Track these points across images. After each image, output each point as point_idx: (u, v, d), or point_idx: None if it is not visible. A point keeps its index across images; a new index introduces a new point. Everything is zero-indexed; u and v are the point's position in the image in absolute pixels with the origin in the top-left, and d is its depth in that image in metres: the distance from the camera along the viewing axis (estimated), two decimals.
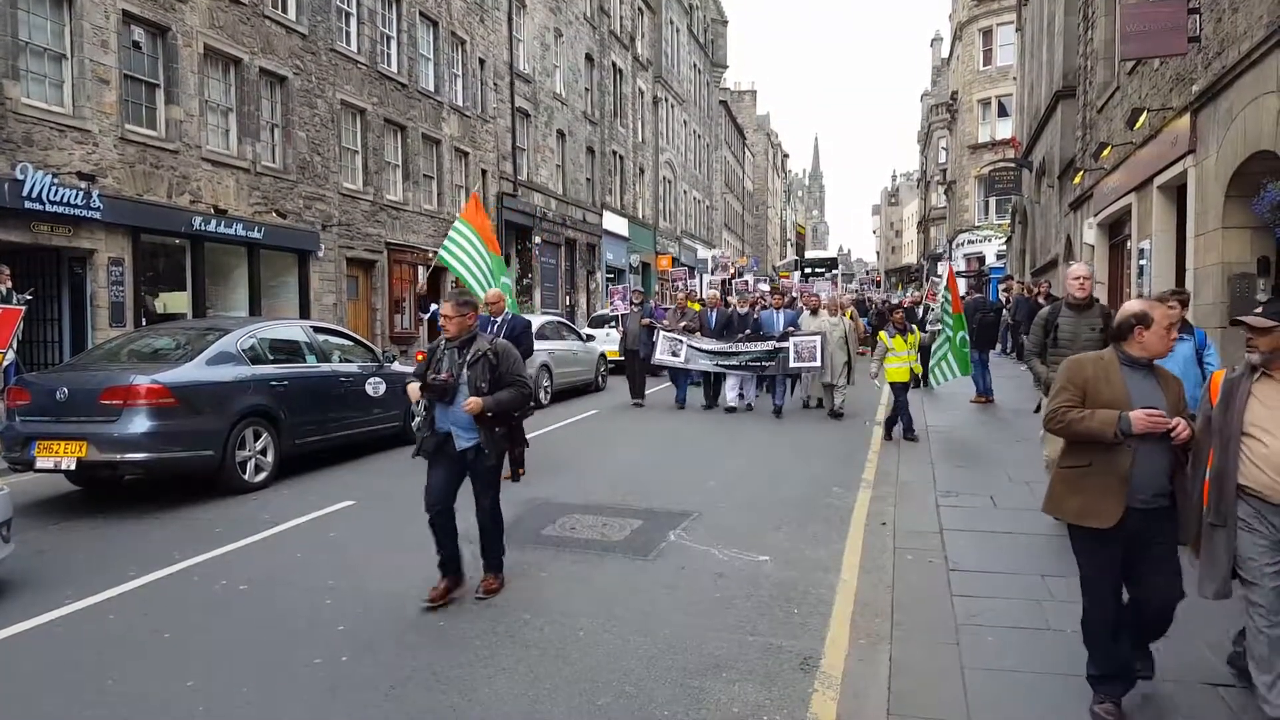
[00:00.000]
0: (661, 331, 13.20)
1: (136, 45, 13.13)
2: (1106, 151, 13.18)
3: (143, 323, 12.75)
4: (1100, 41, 14.72)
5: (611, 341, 16.93)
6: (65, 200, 11.58)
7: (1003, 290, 20.35)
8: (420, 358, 5.22)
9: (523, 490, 7.22)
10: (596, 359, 16.24)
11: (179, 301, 14.26)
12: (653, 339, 13.30)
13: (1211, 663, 3.84)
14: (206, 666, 4.02)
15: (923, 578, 5.16)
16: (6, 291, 10.07)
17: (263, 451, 7.82)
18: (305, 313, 16.27)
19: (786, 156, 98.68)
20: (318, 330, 9.42)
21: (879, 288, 49.97)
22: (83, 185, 11.90)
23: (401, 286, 19.86)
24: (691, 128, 46.67)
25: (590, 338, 17.36)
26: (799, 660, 4.08)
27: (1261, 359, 3.20)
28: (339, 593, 5.00)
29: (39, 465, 6.95)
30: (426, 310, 14.50)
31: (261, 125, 15.62)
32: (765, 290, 24.14)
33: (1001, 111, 36.77)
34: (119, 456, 6.85)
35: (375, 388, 9.20)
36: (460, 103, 22.21)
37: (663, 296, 31.60)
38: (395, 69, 19.57)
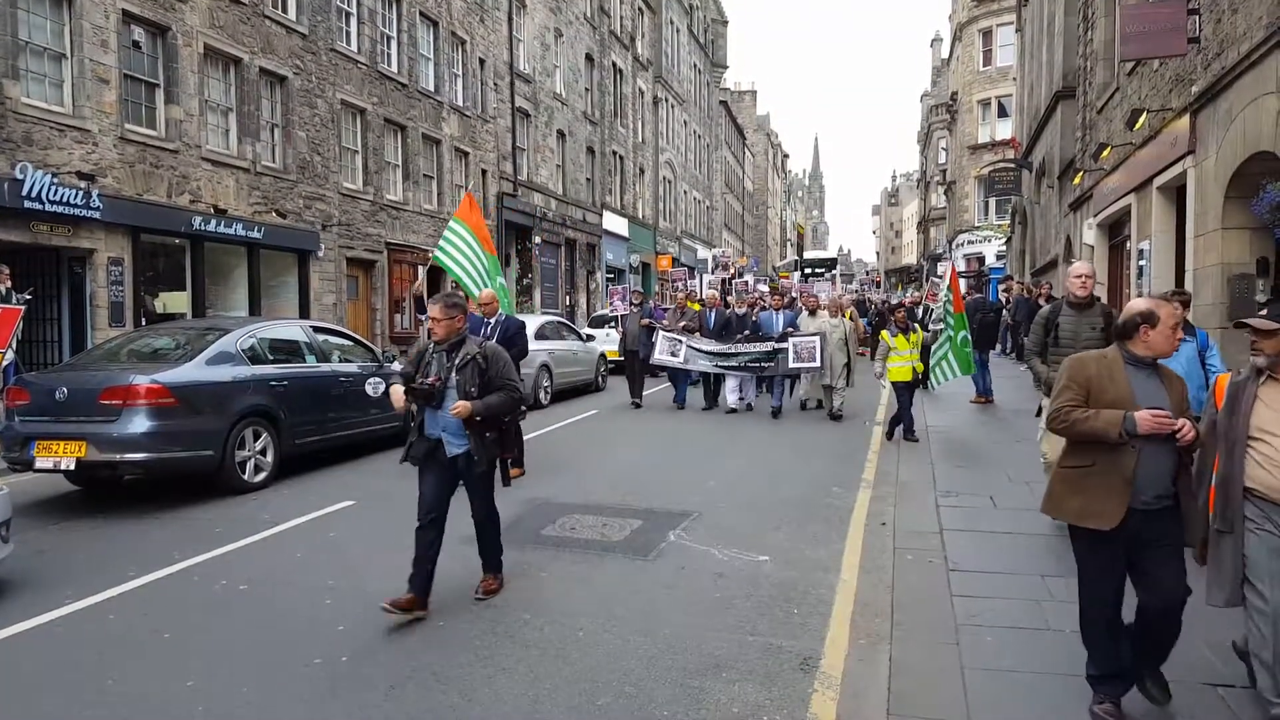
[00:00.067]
0: (661, 332, 13.16)
1: (136, 45, 13.13)
2: (1106, 152, 13.19)
3: (142, 323, 12.74)
4: (1100, 42, 14.72)
5: (611, 342, 16.90)
6: (65, 200, 11.58)
7: (1003, 290, 20.35)
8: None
9: (523, 490, 7.22)
10: (596, 359, 16.23)
11: (179, 301, 14.26)
12: (652, 340, 13.27)
13: (1211, 663, 3.84)
14: (206, 666, 4.02)
15: (923, 578, 5.16)
16: (6, 291, 10.07)
17: (262, 451, 7.82)
18: (305, 313, 16.26)
19: (786, 156, 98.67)
20: (317, 330, 9.43)
21: (879, 288, 49.90)
22: (82, 185, 11.90)
23: (401, 286, 19.85)
24: (691, 128, 46.67)
25: (590, 338, 17.34)
26: (799, 660, 4.08)
27: (1267, 362, 3.18)
28: (339, 593, 5.00)
29: (38, 465, 6.95)
30: (425, 311, 14.45)
31: (261, 125, 15.62)
32: (764, 291, 24.10)
33: (1001, 112, 36.77)
34: (118, 456, 6.85)
35: (375, 388, 9.19)
36: (460, 103, 22.21)
37: (663, 296, 31.59)
38: (395, 69, 19.57)
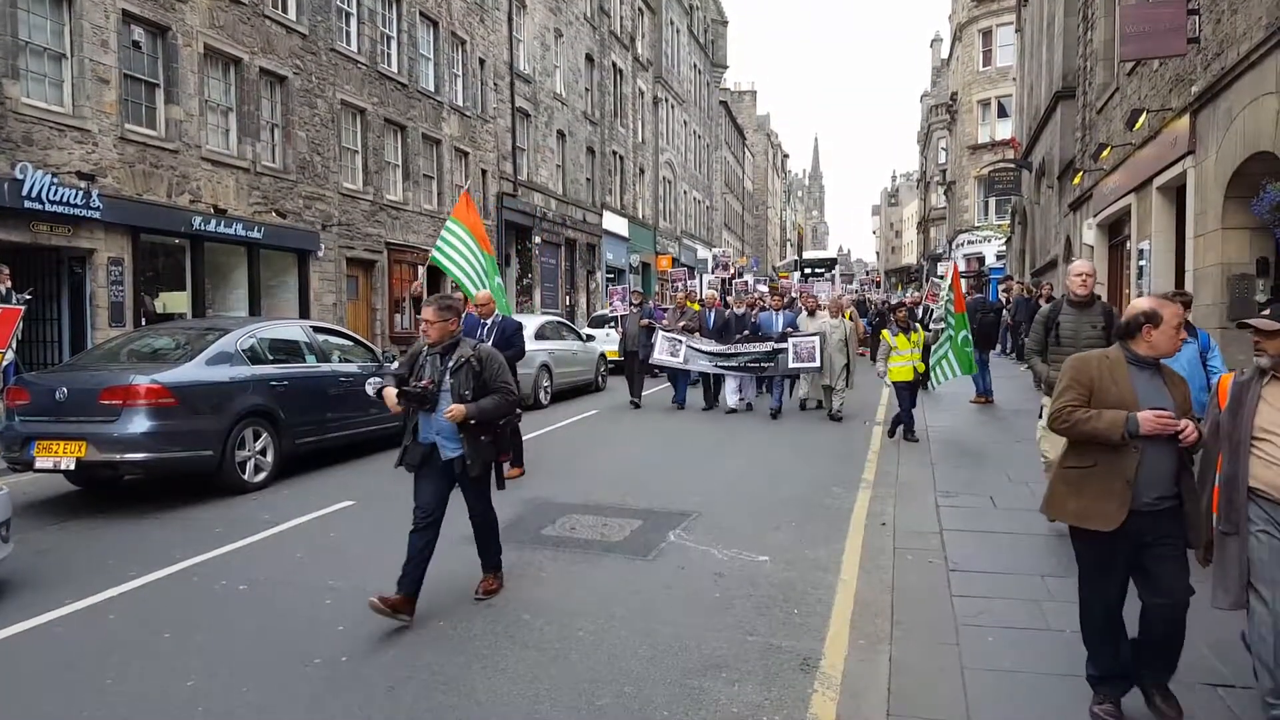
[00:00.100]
0: (660, 332, 13.13)
1: (136, 45, 13.13)
2: (1106, 152, 13.19)
3: (142, 323, 12.74)
4: (1100, 42, 14.72)
5: (611, 342, 16.89)
6: (65, 200, 11.58)
7: (1002, 290, 20.35)
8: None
9: (523, 490, 7.22)
10: (596, 359, 16.23)
11: (178, 301, 14.26)
12: (651, 340, 13.24)
13: (1211, 663, 3.83)
14: (206, 666, 4.02)
15: (923, 578, 5.15)
16: (6, 291, 10.06)
17: (262, 451, 7.82)
18: (305, 313, 16.26)
19: (786, 157, 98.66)
20: (317, 330, 9.42)
21: (879, 288, 49.88)
22: (82, 185, 11.90)
23: (401, 286, 19.86)
24: (691, 128, 46.67)
25: (590, 338, 17.33)
26: (799, 660, 4.08)
27: (1271, 362, 3.16)
28: (339, 593, 5.00)
29: (38, 465, 6.94)
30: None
31: (261, 125, 15.62)
32: (764, 291, 24.10)
33: (1001, 112, 36.76)
34: (118, 456, 6.85)
35: (375, 388, 9.17)
36: (460, 103, 22.21)
37: (662, 296, 31.60)
38: (395, 69, 19.57)
